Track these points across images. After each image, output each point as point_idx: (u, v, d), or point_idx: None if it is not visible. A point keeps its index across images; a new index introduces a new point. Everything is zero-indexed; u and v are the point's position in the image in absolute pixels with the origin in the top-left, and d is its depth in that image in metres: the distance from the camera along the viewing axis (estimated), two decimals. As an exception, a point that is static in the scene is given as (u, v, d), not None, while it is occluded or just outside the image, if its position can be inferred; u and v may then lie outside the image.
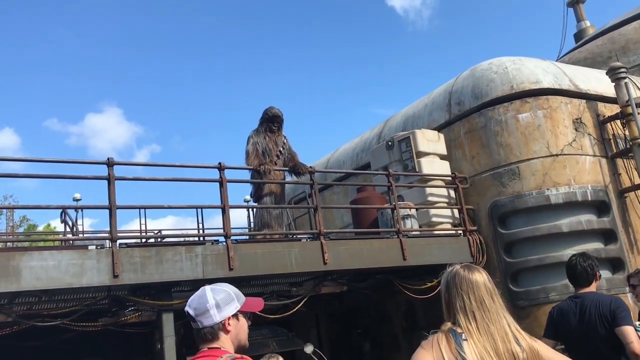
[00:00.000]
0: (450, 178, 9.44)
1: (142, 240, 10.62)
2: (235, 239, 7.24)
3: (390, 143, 9.84)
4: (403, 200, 9.08)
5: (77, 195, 12.70)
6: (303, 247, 7.47)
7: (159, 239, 11.29)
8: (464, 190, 9.30)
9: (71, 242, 8.67)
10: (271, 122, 8.37)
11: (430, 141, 9.66)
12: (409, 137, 9.57)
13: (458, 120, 9.84)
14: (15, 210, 21.24)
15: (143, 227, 12.64)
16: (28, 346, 8.07)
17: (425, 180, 9.40)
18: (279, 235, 8.07)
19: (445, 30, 72.44)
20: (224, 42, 67.38)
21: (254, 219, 9.85)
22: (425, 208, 9.29)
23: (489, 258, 9.02)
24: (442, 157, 9.77)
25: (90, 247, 6.58)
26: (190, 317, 2.23)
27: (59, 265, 5.72)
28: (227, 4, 67.97)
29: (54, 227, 22.61)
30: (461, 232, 9.14)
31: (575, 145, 9.15)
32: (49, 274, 5.65)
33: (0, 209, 22.92)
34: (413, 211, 9.00)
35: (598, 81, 10.05)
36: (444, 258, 8.40)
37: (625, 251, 8.91)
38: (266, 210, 8.12)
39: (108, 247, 6.21)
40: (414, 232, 8.77)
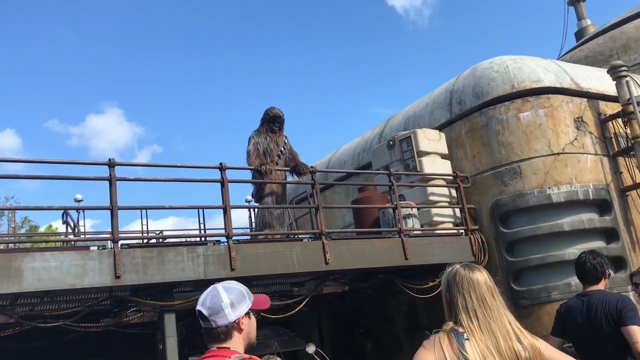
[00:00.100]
0: (451, 177, 9.44)
1: (144, 240, 10.62)
2: (237, 239, 7.23)
3: (391, 142, 9.84)
4: (404, 200, 9.08)
5: (79, 196, 12.72)
6: (305, 247, 7.46)
7: (161, 240, 11.30)
8: (465, 189, 9.30)
9: (73, 243, 8.68)
10: (272, 122, 8.38)
11: (431, 140, 9.65)
12: (410, 136, 9.57)
13: (459, 119, 9.84)
14: (17, 212, 21.26)
15: (145, 228, 12.66)
16: (30, 347, 8.09)
17: (427, 179, 9.39)
18: (281, 236, 8.07)
19: (446, 30, 72.47)
20: (224, 42, 67.44)
21: (255, 219, 9.85)
22: (427, 207, 9.29)
23: (490, 257, 9.02)
24: (444, 156, 9.77)
25: (92, 248, 6.59)
26: (203, 316, 2.18)
27: (60, 266, 5.72)
28: (227, 4, 68.03)
29: (56, 228, 22.61)
30: (463, 231, 9.14)
31: (577, 144, 9.14)
32: (51, 275, 5.65)
33: (1, 210, 22.95)
34: (414, 210, 8.99)
35: (599, 80, 10.04)
36: (446, 257, 8.39)
37: (627, 250, 8.90)
38: (267, 210, 8.12)
39: (110, 248, 6.21)
40: (415, 232, 8.76)
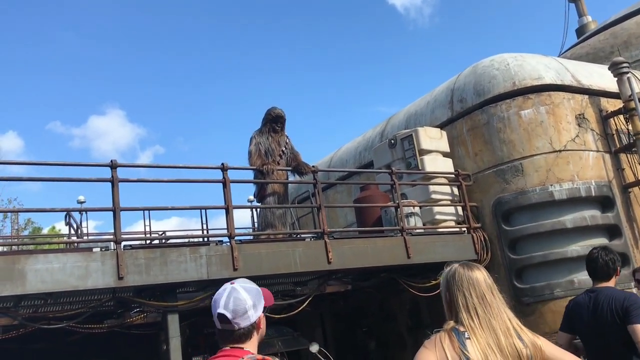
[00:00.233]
0: (453, 175, 9.43)
1: (147, 241, 10.63)
2: (239, 239, 7.24)
3: (392, 141, 9.84)
4: (406, 198, 9.08)
5: (81, 198, 12.73)
6: (307, 247, 7.47)
7: (164, 240, 11.31)
8: (467, 187, 9.30)
9: (76, 244, 8.69)
10: (275, 122, 8.39)
11: (432, 139, 9.65)
12: (412, 135, 9.57)
13: (460, 117, 9.84)
14: (20, 213, 21.28)
15: (147, 229, 12.67)
16: (34, 349, 8.11)
17: (429, 177, 9.39)
18: (283, 235, 8.08)
19: (447, 28, 72.33)
20: (225, 42, 67.45)
21: (257, 219, 9.86)
22: (429, 206, 9.29)
23: (493, 255, 9.02)
24: (445, 154, 9.77)
25: (94, 250, 6.60)
26: (226, 319, 2.09)
27: (64, 268, 5.73)
28: (227, 4, 68.04)
29: (59, 229, 22.62)
30: (465, 229, 9.14)
31: (579, 140, 9.13)
32: (54, 276, 5.67)
33: (4, 212, 22.99)
34: (417, 209, 8.99)
35: (600, 76, 10.03)
36: (448, 255, 8.39)
37: (630, 246, 8.90)
38: (270, 210, 8.13)
39: (112, 249, 6.22)
40: (417, 230, 8.77)
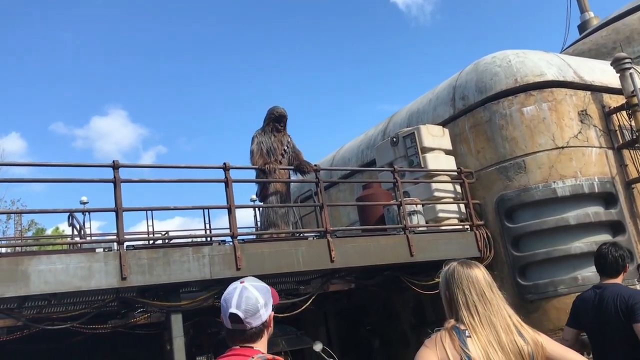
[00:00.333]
0: (456, 173, 9.42)
1: (150, 241, 10.64)
2: (242, 239, 7.25)
3: (395, 139, 9.83)
4: (409, 196, 9.07)
5: (84, 199, 12.74)
6: (310, 246, 7.47)
7: (166, 240, 11.32)
8: (470, 184, 9.29)
9: (79, 245, 8.71)
10: (278, 121, 8.40)
11: (435, 136, 9.64)
12: (414, 132, 9.55)
13: (463, 114, 9.82)
14: (24, 214, 21.33)
15: (150, 229, 12.68)
16: (39, 350, 8.12)
17: (431, 175, 9.38)
18: (286, 234, 8.08)
19: (448, 25, 72.25)
20: (226, 42, 67.47)
21: (260, 219, 9.86)
22: (432, 203, 9.28)
23: (496, 252, 9.00)
24: (448, 152, 9.75)
25: (97, 250, 6.61)
26: (237, 319, 2.07)
27: (67, 269, 5.74)
28: (229, 5, 68.03)
29: (62, 230, 22.69)
30: (468, 227, 9.13)
31: (581, 137, 9.11)
32: (57, 277, 5.68)
33: (8, 213, 23.04)
34: (419, 207, 8.98)
35: (603, 72, 10.00)
36: (452, 253, 8.37)
37: (634, 242, 8.87)
38: (272, 209, 8.13)
39: (115, 250, 6.23)
40: (420, 228, 8.76)
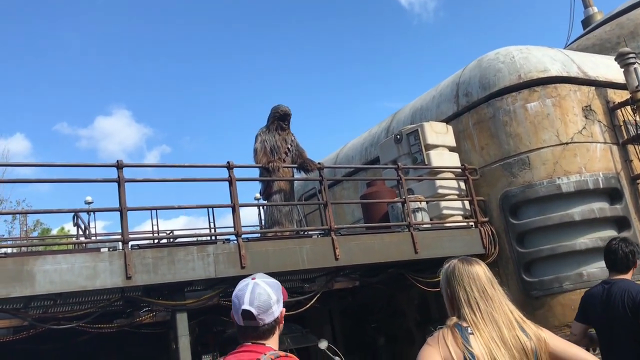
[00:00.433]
0: (460, 170, 9.41)
1: (155, 241, 10.66)
2: (247, 237, 7.26)
3: (398, 136, 9.82)
4: (413, 194, 9.06)
5: (89, 198, 12.76)
6: (314, 244, 7.48)
7: (171, 240, 11.34)
8: (474, 181, 9.27)
9: (84, 245, 8.73)
10: (282, 120, 8.41)
11: (438, 133, 9.62)
12: (417, 130, 9.54)
13: (466, 111, 9.80)
14: (29, 215, 21.40)
15: (155, 228, 12.71)
16: (45, 349, 8.16)
17: (435, 172, 9.37)
18: (290, 232, 8.08)
19: (451, 22, 72.02)
20: (230, 42, 67.49)
21: (264, 217, 9.88)
22: (436, 201, 9.27)
23: (501, 249, 8.99)
24: (451, 149, 9.74)
25: (102, 250, 6.64)
26: (250, 316, 2.05)
27: (72, 269, 5.76)
28: (232, 5, 68.05)
29: (68, 230, 22.74)
30: (472, 223, 9.11)
31: (586, 132, 9.08)
32: (63, 277, 5.70)
33: (13, 214, 23.13)
34: (423, 204, 8.97)
35: (607, 67, 9.96)
36: (456, 250, 8.37)
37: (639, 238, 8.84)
38: (276, 207, 8.14)
39: (120, 249, 6.26)
40: (425, 225, 8.75)
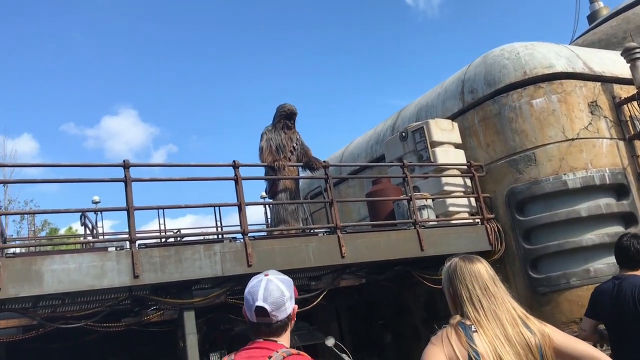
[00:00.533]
0: (465, 167, 9.40)
1: (162, 240, 10.71)
2: (253, 236, 7.29)
3: (404, 134, 9.81)
4: (419, 191, 9.06)
5: (96, 198, 12.83)
6: (320, 242, 7.50)
7: (178, 239, 11.38)
8: (480, 178, 9.26)
9: (92, 244, 8.78)
10: (288, 118, 8.43)
11: (444, 130, 9.62)
12: (423, 127, 9.54)
13: (472, 108, 9.79)
14: (37, 215, 21.50)
15: (162, 227, 12.75)
16: (53, 348, 8.22)
17: (441, 170, 9.37)
18: (296, 231, 8.11)
19: (456, 18, 71.77)
20: (236, 41, 67.55)
21: (270, 215, 9.91)
22: (442, 198, 9.27)
23: (507, 245, 8.98)
24: (457, 146, 9.73)
25: (110, 249, 6.68)
26: (264, 312, 2.04)
27: (79, 268, 5.81)
28: (238, 5, 68.10)
29: (75, 229, 22.84)
30: (479, 220, 9.11)
31: (592, 128, 9.05)
32: (71, 276, 5.75)
33: (21, 214, 23.26)
34: (429, 201, 8.98)
35: (613, 63, 9.92)
36: (462, 247, 8.38)
37: (646, 234, 8.80)
38: (282, 206, 8.17)
39: (127, 248, 6.29)
40: (431, 223, 8.75)
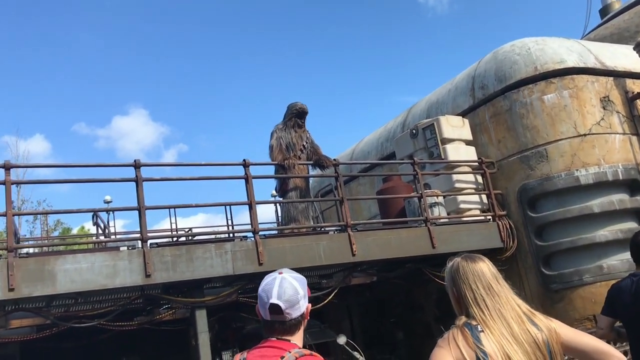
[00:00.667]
0: (476, 163, 9.35)
1: (173, 239, 10.76)
2: (264, 234, 7.30)
3: (414, 131, 9.78)
4: (430, 188, 9.03)
5: (108, 198, 12.90)
6: (331, 240, 7.50)
7: (189, 238, 11.43)
8: (491, 175, 9.21)
9: (104, 244, 8.85)
10: (299, 117, 8.42)
11: (455, 127, 9.57)
12: (433, 124, 9.50)
13: (482, 104, 9.73)
14: (50, 215, 21.69)
15: (173, 226, 12.81)
16: (67, 347, 8.28)
17: (452, 166, 9.32)
18: (307, 229, 8.11)
19: (466, 14, 71.44)
20: (246, 40, 67.65)
21: (280, 214, 9.92)
22: (453, 195, 9.23)
23: (519, 242, 8.93)
24: (468, 142, 9.68)
25: (122, 249, 6.72)
26: (278, 310, 2.03)
27: (92, 268, 5.85)
28: (249, 4, 68.19)
29: (88, 229, 23.03)
30: (490, 217, 9.06)
31: (604, 124, 8.97)
32: (83, 276, 5.79)
33: (34, 214, 23.46)
34: (440, 199, 8.94)
35: (625, 57, 9.83)
36: (474, 244, 8.34)
37: (660, 230, 8.72)
38: (292, 204, 8.17)
39: (139, 248, 6.33)
40: (442, 220, 8.72)
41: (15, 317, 6.81)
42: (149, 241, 6.39)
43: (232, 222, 12.58)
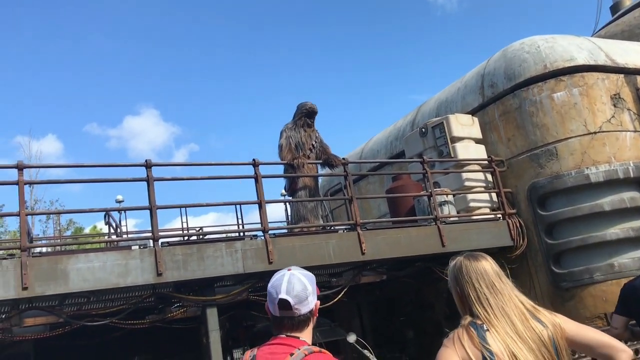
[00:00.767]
0: (486, 162, 9.34)
1: (184, 238, 10.83)
2: (273, 233, 7.34)
3: (423, 130, 9.78)
4: (439, 187, 9.03)
5: (120, 197, 13.03)
6: (340, 238, 7.52)
7: (200, 237, 11.50)
8: (501, 173, 9.20)
9: (116, 243, 8.92)
10: (309, 117, 8.45)
11: (464, 125, 9.56)
12: (443, 122, 9.50)
13: (492, 102, 9.72)
14: (62, 214, 21.88)
15: (184, 225, 12.90)
16: (80, 345, 8.37)
17: (461, 165, 9.32)
18: (316, 228, 8.14)
19: (476, 12, 71.15)
20: (256, 39, 67.79)
21: (290, 213, 9.95)
22: (463, 193, 9.22)
23: (529, 241, 8.91)
24: (477, 141, 9.67)
25: (133, 247, 6.78)
26: (287, 305, 2.04)
27: (104, 267, 5.91)
28: (260, 3, 68.30)
29: (100, 229, 23.19)
30: (500, 215, 9.05)
31: (615, 121, 8.93)
32: (95, 275, 5.86)
33: (47, 214, 23.68)
34: (450, 197, 8.93)
35: (637, 54, 9.77)
36: (484, 243, 8.34)
37: (672, 228, 8.66)
38: (301, 204, 8.20)
39: (151, 247, 6.39)
40: (452, 218, 8.71)
41: (29, 315, 6.89)
42: (160, 240, 6.44)
43: (242, 221, 12.64)
